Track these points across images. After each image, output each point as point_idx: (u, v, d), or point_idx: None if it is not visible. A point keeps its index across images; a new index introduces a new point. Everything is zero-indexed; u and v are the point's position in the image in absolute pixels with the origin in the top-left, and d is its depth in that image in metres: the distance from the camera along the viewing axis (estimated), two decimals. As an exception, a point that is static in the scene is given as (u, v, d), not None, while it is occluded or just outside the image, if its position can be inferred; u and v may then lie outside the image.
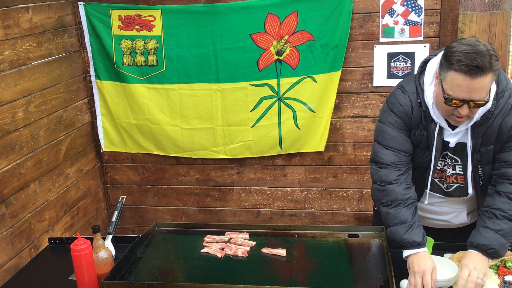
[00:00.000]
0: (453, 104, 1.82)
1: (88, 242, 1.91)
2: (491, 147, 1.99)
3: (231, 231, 2.25)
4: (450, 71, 1.79)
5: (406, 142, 2.05)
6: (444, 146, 2.03)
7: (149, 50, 3.36)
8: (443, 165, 2.07)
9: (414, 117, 2.02)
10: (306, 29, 3.15)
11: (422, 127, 2.02)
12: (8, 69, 2.77)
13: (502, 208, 1.96)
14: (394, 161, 2.04)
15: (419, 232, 1.96)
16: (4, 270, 2.70)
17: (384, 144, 2.07)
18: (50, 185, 3.15)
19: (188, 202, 3.76)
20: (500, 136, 1.96)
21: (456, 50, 1.77)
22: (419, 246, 1.93)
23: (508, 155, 1.98)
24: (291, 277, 1.95)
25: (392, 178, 2.03)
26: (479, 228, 1.97)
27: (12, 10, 2.81)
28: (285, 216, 3.66)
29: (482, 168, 2.03)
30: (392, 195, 2.02)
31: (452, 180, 2.07)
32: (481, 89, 1.78)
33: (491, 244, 1.92)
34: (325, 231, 2.21)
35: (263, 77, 3.27)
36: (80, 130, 3.51)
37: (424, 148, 2.05)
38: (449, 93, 1.81)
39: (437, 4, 3.06)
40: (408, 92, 2.04)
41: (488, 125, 1.95)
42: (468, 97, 1.79)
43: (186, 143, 3.51)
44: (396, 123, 2.05)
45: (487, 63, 1.74)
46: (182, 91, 3.39)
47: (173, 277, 1.97)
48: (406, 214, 1.99)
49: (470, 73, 1.74)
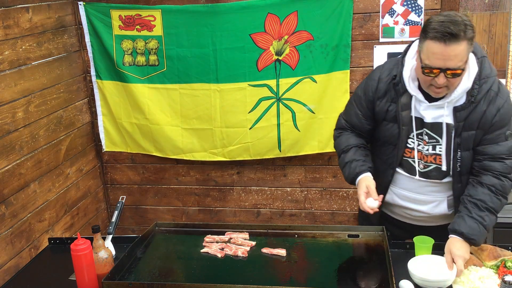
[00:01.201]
0: (431, 74, 1.90)
1: (88, 242, 1.91)
2: (472, 132, 2.02)
3: (231, 231, 2.25)
4: (426, 41, 1.88)
5: (356, 119, 2.24)
6: (419, 124, 2.07)
7: (150, 50, 3.36)
8: (418, 144, 2.10)
9: (379, 89, 2.13)
10: (306, 29, 3.15)
11: (390, 98, 2.11)
12: (8, 69, 2.77)
13: (484, 199, 2.00)
14: (341, 127, 2.33)
15: (357, 165, 2.17)
16: (4, 270, 2.70)
17: (344, 113, 2.34)
18: (50, 185, 3.15)
19: (188, 202, 3.76)
20: (484, 123, 2.00)
21: (433, 20, 1.88)
22: (359, 173, 2.15)
23: (491, 148, 2.02)
24: (291, 277, 1.95)
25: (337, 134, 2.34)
26: (463, 216, 2.00)
27: (12, 10, 2.81)
28: (285, 216, 3.66)
29: (461, 152, 2.05)
30: (338, 147, 2.29)
31: (431, 160, 2.10)
32: (455, 57, 1.85)
33: (474, 234, 1.96)
34: (325, 231, 2.21)
35: (262, 77, 3.27)
36: (80, 130, 3.51)
37: (391, 121, 2.13)
38: (426, 62, 1.89)
39: (437, 4, 3.06)
40: (384, 67, 2.17)
41: (471, 109, 1.99)
42: (444, 65, 1.86)
43: (185, 143, 3.50)
44: (358, 98, 2.23)
45: (461, 31, 1.82)
46: (182, 91, 3.39)
47: (173, 277, 1.97)
48: (349, 155, 2.22)
49: (444, 40, 1.82)
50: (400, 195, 2.22)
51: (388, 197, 2.24)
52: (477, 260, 1.99)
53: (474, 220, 1.97)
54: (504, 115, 2.00)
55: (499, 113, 1.99)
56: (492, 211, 2.00)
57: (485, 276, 1.88)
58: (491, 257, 1.97)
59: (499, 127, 2.01)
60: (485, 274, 1.89)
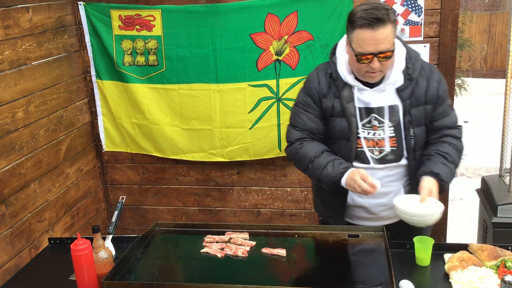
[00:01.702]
0: (365, 61, 2.02)
1: (88, 242, 1.91)
2: (422, 108, 2.16)
3: (231, 231, 2.25)
4: (355, 30, 2.01)
5: (311, 122, 2.24)
6: (366, 112, 2.16)
7: (149, 50, 3.36)
8: (368, 133, 2.17)
9: (321, 87, 2.21)
10: (306, 29, 3.15)
11: (332, 95, 2.19)
12: (8, 69, 2.77)
13: (450, 153, 2.15)
14: (299, 137, 2.26)
15: (340, 162, 2.15)
16: (4, 270, 2.70)
17: (293, 124, 2.30)
18: (50, 185, 3.15)
19: (188, 202, 3.76)
20: (431, 97, 2.16)
21: (356, 11, 2.01)
22: (346, 169, 2.12)
23: (446, 120, 2.20)
24: (291, 277, 1.95)
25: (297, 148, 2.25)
26: (437, 162, 2.12)
27: (12, 10, 2.81)
28: (285, 216, 3.66)
29: (413, 129, 2.16)
30: (306, 156, 2.21)
31: (384, 144, 2.17)
32: (385, 40, 1.98)
33: (447, 178, 2.11)
34: (325, 231, 2.21)
35: (262, 77, 3.27)
36: (80, 130, 3.51)
37: (338, 115, 2.19)
38: (359, 50, 2.01)
39: (437, 4, 3.06)
40: (318, 70, 2.27)
41: (412, 87, 2.14)
42: (375, 49, 1.99)
43: (185, 144, 3.50)
44: (304, 102, 2.26)
45: (385, 15, 1.96)
46: (182, 91, 3.39)
47: (173, 277, 1.97)
48: (324, 158, 2.18)
49: (371, 25, 1.96)
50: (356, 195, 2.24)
51: (348, 198, 2.28)
52: (477, 260, 1.99)
53: (446, 167, 2.12)
54: (444, 86, 2.21)
55: (440, 85, 2.18)
56: (456, 166, 2.17)
57: (485, 276, 1.87)
58: (491, 257, 1.97)
59: (444, 99, 2.20)
60: (485, 274, 1.88)
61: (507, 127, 3.33)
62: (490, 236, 3.07)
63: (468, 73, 9.29)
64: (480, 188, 3.49)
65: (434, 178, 2.08)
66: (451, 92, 3.19)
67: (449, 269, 1.96)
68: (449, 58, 3.12)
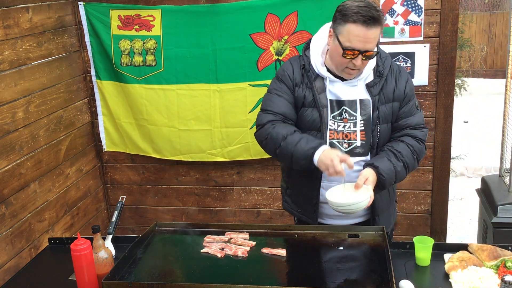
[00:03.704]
0: (349, 56, 2.04)
1: (88, 242, 1.91)
2: (389, 105, 2.21)
3: (231, 231, 2.25)
4: (347, 24, 2.01)
5: (284, 106, 2.24)
6: (337, 104, 2.18)
7: (147, 50, 3.36)
8: (338, 125, 2.19)
9: (295, 76, 2.24)
10: (306, 29, 3.15)
11: (305, 85, 2.22)
12: (8, 69, 2.77)
13: (402, 152, 2.18)
14: (271, 119, 2.24)
15: (314, 138, 2.15)
16: (4, 270, 2.70)
17: (265, 108, 2.28)
18: (50, 185, 3.15)
19: (188, 202, 3.76)
20: (398, 95, 2.21)
21: (350, 5, 2.02)
22: (320, 144, 2.10)
23: (410, 119, 2.24)
24: (291, 277, 1.95)
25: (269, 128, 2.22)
26: (383, 157, 2.17)
27: (12, 10, 2.81)
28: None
29: (379, 126, 2.20)
30: (279, 134, 2.17)
31: (354, 138, 2.20)
32: (374, 40, 2.03)
33: (386, 173, 2.12)
34: (325, 231, 2.21)
35: (263, 77, 3.27)
36: (80, 130, 3.51)
37: (309, 106, 2.22)
38: (347, 44, 2.03)
39: (437, 4, 3.06)
40: (291, 60, 2.31)
41: (381, 84, 2.19)
42: (363, 47, 2.02)
43: (183, 145, 3.50)
44: (278, 88, 2.26)
45: (380, 16, 2.00)
46: (180, 92, 3.39)
47: (173, 277, 1.97)
48: (297, 135, 2.16)
49: (366, 23, 1.98)
50: (328, 188, 2.22)
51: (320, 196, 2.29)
52: (477, 260, 1.99)
53: (390, 163, 2.14)
54: (411, 86, 2.26)
55: (408, 84, 2.24)
56: (406, 165, 2.18)
57: (485, 276, 1.87)
58: (491, 257, 1.97)
59: (410, 98, 2.24)
60: (485, 274, 1.88)
61: (507, 127, 3.33)
62: (490, 236, 3.07)
63: (468, 73, 9.29)
64: (480, 188, 3.49)
65: (373, 170, 2.11)
66: (451, 92, 3.19)
67: (449, 269, 1.96)
68: (449, 58, 3.12)
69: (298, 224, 2.47)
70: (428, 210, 3.44)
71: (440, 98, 3.19)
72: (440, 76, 3.16)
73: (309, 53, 2.24)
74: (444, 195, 3.37)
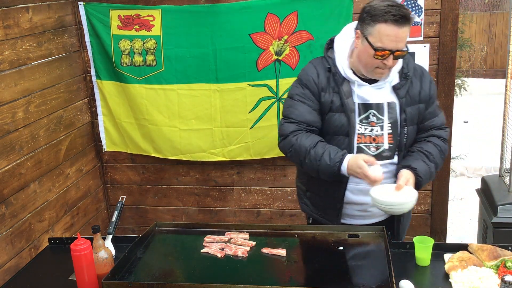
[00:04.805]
0: (380, 56, 2.02)
1: (88, 242, 1.91)
2: (416, 106, 2.20)
3: (231, 231, 2.25)
4: (377, 24, 1.99)
5: (308, 114, 2.20)
6: (364, 108, 2.16)
7: (147, 50, 3.36)
8: (365, 129, 2.18)
9: (320, 81, 2.19)
10: (306, 29, 3.15)
11: (331, 89, 2.18)
12: (8, 69, 2.77)
13: (433, 153, 2.20)
14: (294, 130, 2.20)
15: (335, 149, 2.13)
16: (4, 270, 2.70)
17: (288, 116, 2.23)
18: (50, 185, 3.15)
19: (188, 202, 3.76)
20: (424, 96, 2.21)
21: (379, 6, 2.00)
22: (342, 156, 2.09)
23: (435, 120, 2.26)
24: (291, 277, 1.95)
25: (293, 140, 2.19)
26: (418, 158, 2.17)
27: (12, 10, 2.81)
28: (285, 216, 3.66)
29: (407, 128, 2.20)
30: (302, 146, 2.15)
31: (381, 141, 2.19)
32: (404, 38, 2.03)
33: (424, 175, 2.14)
34: (325, 231, 2.21)
35: (262, 77, 3.27)
36: (80, 130, 3.51)
37: (337, 111, 2.18)
38: (378, 44, 2.01)
39: (437, 4, 3.06)
40: (314, 63, 2.25)
41: (407, 86, 2.18)
42: (395, 47, 2.01)
43: (183, 145, 3.50)
44: (302, 94, 2.21)
45: (410, 14, 1.99)
46: (180, 92, 3.39)
47: (173, 277, 1.97)
48: (320, 148, 2.13)
49: (398, 22, 1.96)
50: (354, 190, 2.25)
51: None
52: (477, 260, 1.99)
53: (425, 164, 2.16)
54: (435, 87, 2.28)
55: (432, 85, 2.25)
56: (436, 165, 2.21)
57: (485, 276, 1.87)
58: (491, 257, 1.97)
59: (434, 99, 2.27)
60: (485, 274, 1.88)
61: (507, 127, 3.33)
62: (490, 236, 3.07)
63: (468, 73, 9.29)
64: (480, 188, 3.49)
65: (411, 171, 2.13)
66: (451, 92, 3.19)
67: (449, 269, 1.96)
68: (449, 58, 3.12)
69: (312, 224, 2.46)
70: (428, 210, 3.44)
71: (440, 98, 3.19)
72: (440, 76, 3.16)
73: (333, 55, 2.20)
74: (444, 195, 3.37)
